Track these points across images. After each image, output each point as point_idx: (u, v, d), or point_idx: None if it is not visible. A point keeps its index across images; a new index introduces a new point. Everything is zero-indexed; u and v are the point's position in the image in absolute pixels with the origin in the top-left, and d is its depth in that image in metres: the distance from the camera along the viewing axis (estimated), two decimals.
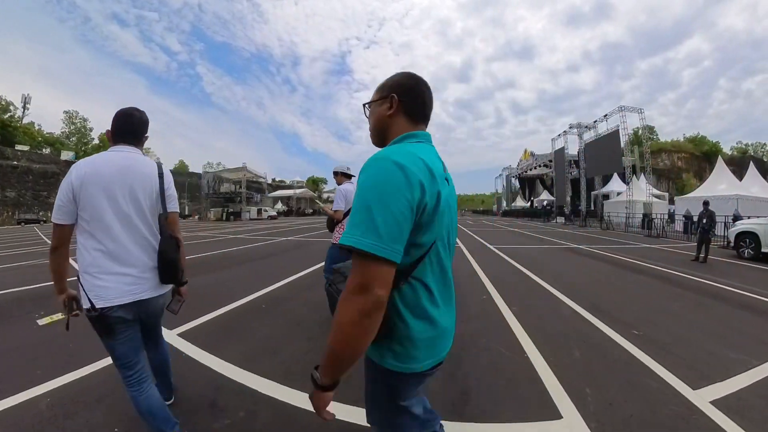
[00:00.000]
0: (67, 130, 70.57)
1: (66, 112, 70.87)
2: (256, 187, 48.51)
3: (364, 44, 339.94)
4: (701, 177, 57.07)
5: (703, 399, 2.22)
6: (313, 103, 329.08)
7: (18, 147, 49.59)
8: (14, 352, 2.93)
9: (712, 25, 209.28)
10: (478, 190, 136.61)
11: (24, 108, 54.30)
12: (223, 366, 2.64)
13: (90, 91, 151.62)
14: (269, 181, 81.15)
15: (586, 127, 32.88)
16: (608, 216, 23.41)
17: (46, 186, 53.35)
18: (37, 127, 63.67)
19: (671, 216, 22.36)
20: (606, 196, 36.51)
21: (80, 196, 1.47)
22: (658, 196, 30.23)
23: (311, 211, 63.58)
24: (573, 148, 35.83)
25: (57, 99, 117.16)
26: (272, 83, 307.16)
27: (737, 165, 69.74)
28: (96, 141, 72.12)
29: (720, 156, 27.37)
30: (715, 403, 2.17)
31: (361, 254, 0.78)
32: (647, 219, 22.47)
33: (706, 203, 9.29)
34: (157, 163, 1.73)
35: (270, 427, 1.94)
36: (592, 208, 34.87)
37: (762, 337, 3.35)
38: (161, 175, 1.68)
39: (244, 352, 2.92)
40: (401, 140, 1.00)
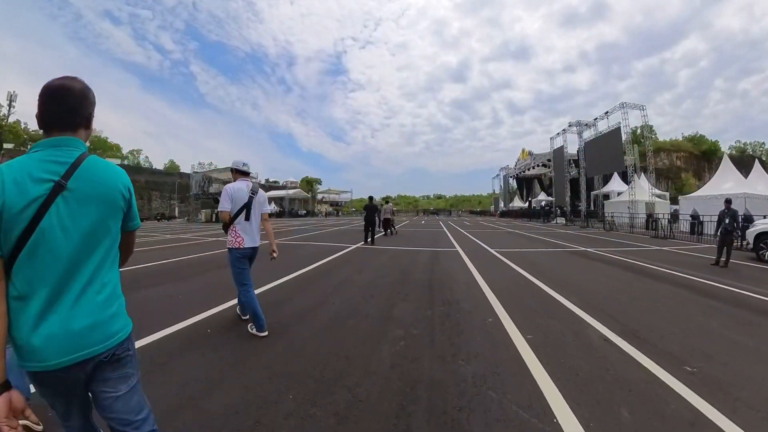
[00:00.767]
0: None
1: None
2: None
3: (359, 44, 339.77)
4: (700, 176, 56.74)
5: None
6: (308, 104, 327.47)
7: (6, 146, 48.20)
8: None
9: (708, 26, 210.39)
10: (475, 190, 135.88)
11: (9, 106, 52.78)
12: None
13: None
14: (262, 182, 79.99)
15: (586, 125, 32.17)
16: (612, 216, 22.62)
17: None
18: (23, 126, 62.13)
19: (675, 216, 21.80)
20: (606, 196, 35.85)
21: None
22: (659, 196, 29.58)
23: (304, 212, 62.48)
24: (572, 148, 35.18)
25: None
26: (267, 83, 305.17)
27: (736, 164, 69.61)
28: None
29: (726, 154, 26.70)
30: None
31: None
32: (651, 219, 21.99)
33: (729, 201, 8.45)
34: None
35: None
36: (592, 208, 34.09)
37: None
38: None
39: (158, 401, 1.97)
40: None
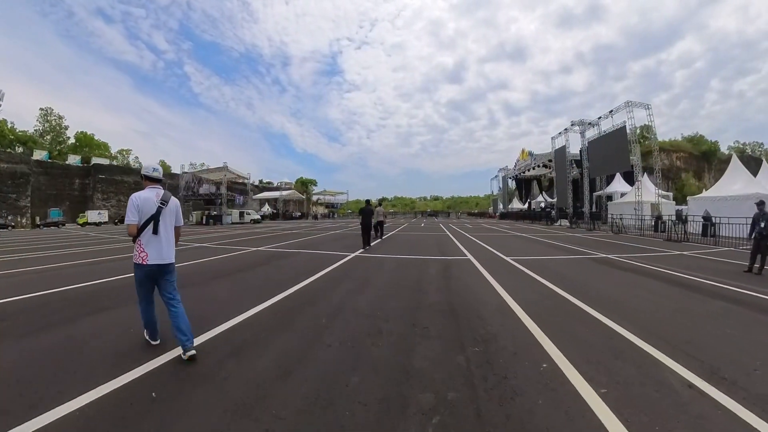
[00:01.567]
0: (41, 128, 66.64)
1: (41, 109, 66.91)
2: (239, 189, 45.65)
3: (355, 45, 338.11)
4: (700, 177, 56.44)
5: None
6: (303, 104, 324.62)
7: None
8: None
9: (704, 27, 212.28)
10: (472, 192, 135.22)
11: None
12: None
13: (71, 89, 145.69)
14: (255, 183, 78.13)
15: (590, 123, 31.24)
16: (620, 218, 21.65)
17: (15, 187, 49.87)
18: (9, 125, 59.89)
19: (679, 216, 21.08)
20: (609, 198, 34.97)
21: None
22: (663, 197, 28.75)
23: (299, 214, 60.94)
24: (574, 148, 34.25)
25: (35, 96, 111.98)
26: (261, 83, 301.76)
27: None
28: (72, 140, 68.45)
29: (734, 154, 25.90)
30: None
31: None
32: (660, 221, 20.76)
33: (762, 203, 7.19)
34: None
35: None
36: (594, 209, 33.11)
37: None
38: None
39: None
40: None
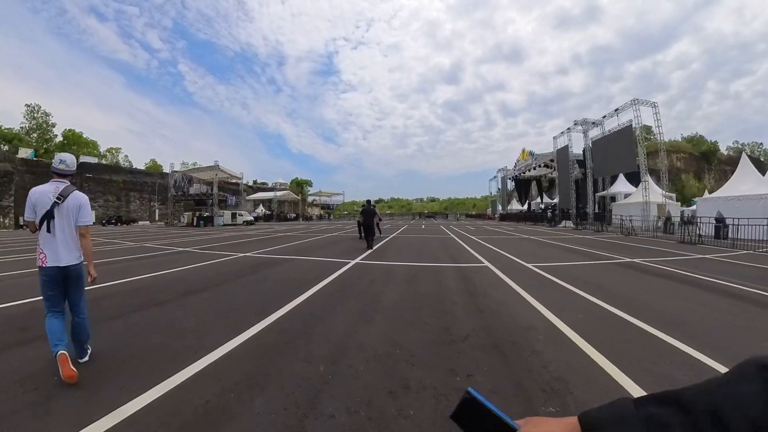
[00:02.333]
0: (27, 125, 64.47)
1: (27, 105, 64.59)
2: (232, 189, 44.14)
3: (351, 45, 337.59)
4: (700, 177, 56.10)
5: None
6: (298, 104, 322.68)
7: None
8: None
9: (700, 29, 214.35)
10: (468, 193, 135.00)
11: None
12: None
13: (62, 87, 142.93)
14: (249, 183, 76.45)
15: (594, 123, 30.38)
16: (630, 220, 20.76)
17: None
18: None
19: (683, 218, 20.43)
20: (612, 198, 34.19)
21: None
22: (667, 198, 27.99)
23: (294, 215, 59.51)
24: (576, 147, 33.44)
25: (24, 93, 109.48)
26: (257, 83, 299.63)
27: (734, 165, 69.41)
28: (60, 138, 66.40)
29: (744, 153, 25.18)
30: None
31: None
32: (670, 222, 20.04)
33: None
34: None
35: None
36: (597, 210, 32.22)
37: None
38: None
39: None
40: None
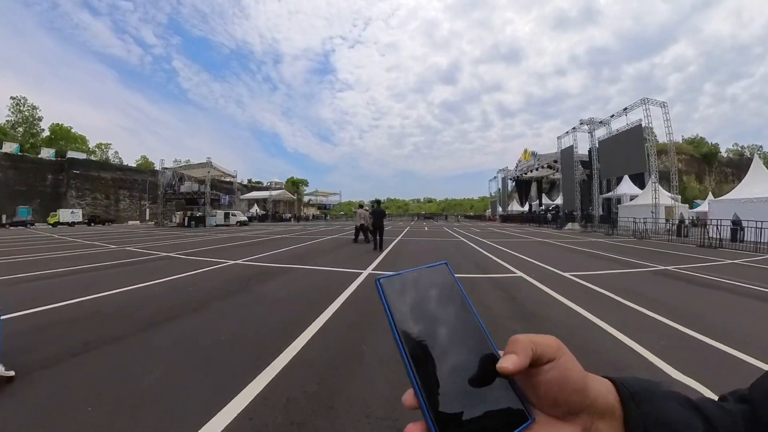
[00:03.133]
0: (13, 119, 62.11)
1: (12, 98, 62.14)
2: (225, 188, 42.56)
3: (348, 43, 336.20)
4: (701, 179, 55.89)
5: None
6: (294, 103, 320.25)
7: None
8: None
9: (697, 31, 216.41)
10: (465, 194, 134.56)
11: None
12: None
13: (53, 82, 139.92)
14: (243, 182, 74.74)
15: (601, 122, 29.57)
16: (644, 223, 20.00)
17: None
18: None
19: (691, 221, 19.82)
20: (618, 200, 33.50)
21: None
22: (673, 200, 27.30)
23: (289, 216, 58.01)
24: (579, 147, 32.69)
25: (13, 88, 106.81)
26: (252, 81, 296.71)
27: (735, 167, 69.66)
28: (47, 133, 64.25)
29: (756, 155, 24.51)
30: None
31: None
32: (683, 225, 19.26)
33: None
34: None
35: None
36: (601, 212, 31.41)
37: None
38: None
39: None
40: None
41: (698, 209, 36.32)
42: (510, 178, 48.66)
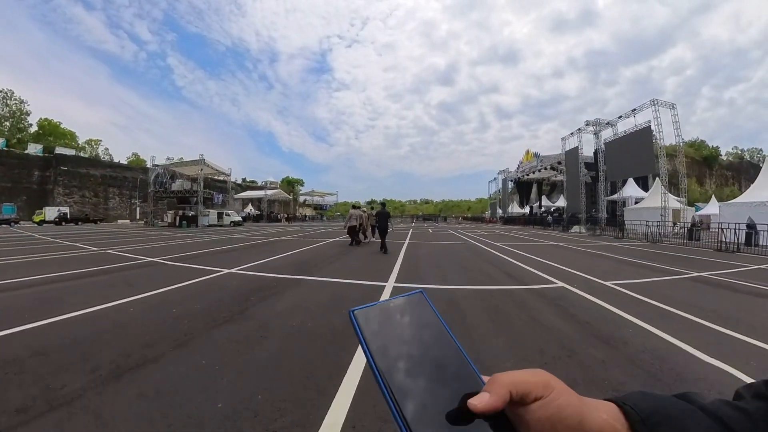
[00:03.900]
0: None
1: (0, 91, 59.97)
2: (219, 186, 41.08)
3: (346, 43, 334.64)
4: (702, 182, 55.71)
5: None
6: (290, 102, 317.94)
7: None
8: None
9: (695, 35, 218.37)
10: (462, 195, 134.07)
11: None
12: None
13: (44, 76, 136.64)
14: (237, 181, 73.12)
15: (608, 123, 28.89)
16: (657, 226, 19.33)
17: None
18: None
19: (696, 224, 19.57)
20: (622, 203, 32.86)
21: None
22: (680, 202, 26.72)
23: (285, 216, 56.60)
24: (585, 150, 31.99)
25: (4, 81, 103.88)
26: (248, 79, 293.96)
27: (735, 170, 69.83)
28: (35, 127, 62.15)
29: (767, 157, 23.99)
30: None
31: None
32: (696, 229, 18.81)
33: None
34: None
35: None
36: (605, 215, 30.70)
37: None
38: None
39: None
40: None
41: (701, 212, 35.90)
42: (511, 180, 47.92)
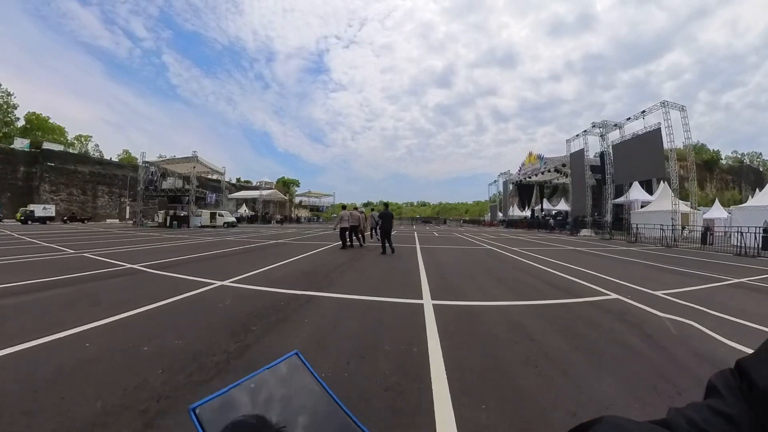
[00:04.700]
0: None
1: None
2: (212, 186, 39.57)
3: (343, 43, 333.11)
4: (702, 186, 55.50)
5: None
6: (286, 102, 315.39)
7: None
8: None
9: (692, 40, 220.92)
10: (459, 198, 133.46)
11: None
12: None
13: (36, 72, 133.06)
14: (232, 181, 71.43)
15: (616, 125, 28.16)
16: (672, 230, 18.68)
17: None
18: None
19: (710, 228, 19.29)
20: (629, 206, 32.19)
21: None
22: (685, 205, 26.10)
23: (280, 217, 55.13)
24: (591, 151, 31.31)
25: None
26: (244, 78, 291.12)
27: (735, 174, 69.96)
28: (22, 122, 59.93)
29: None
30: None
31: None
32: (709, 233, 18.52)
33: None
34: None
35: None
36: (608, 218, 29.89)
37: None
38: None
39: None
40: None
41: (705, 216, 35.46)
42: (512, 182, 47.14)
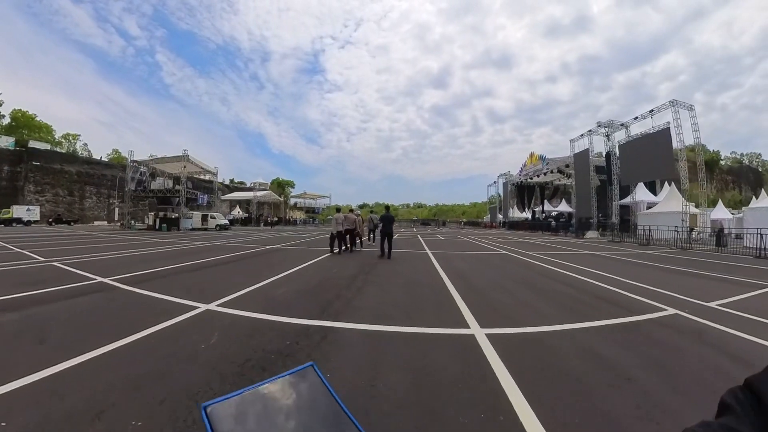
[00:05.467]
0: None
1: None
2: (204, 186, 38.18)
3: (339, 44, 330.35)
4: (702, 186, 55.17)
5: None
6: (281, 102, 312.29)
7: None
8: None
9: (688, 41, 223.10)
10: (455, 199, 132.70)
11: None
12: None
13: (26, 69, 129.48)
14: (225, 182, 69.88)
15: (622, 125, 27.43)
16: (687, 232, 17.92)
17: None
18: None
19: (723, 230, 18.45)
20: (635, 207, 31.53)
21: None
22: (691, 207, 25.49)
23: (275, 219, 53.79)
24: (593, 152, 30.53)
25: None
26: (239, 78, 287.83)
27: (735, 174, 70.16)
28: (7, 119, 57.96)
29: None
30: None
31: None
32: (723, 235, 17.84)
33: None
34: None
35: None
36: (613, 219, 29.11)
37: None
38: None
39: None
40: None
41: (710, 217, 35.04)
42: (513, 183, 46.32)
